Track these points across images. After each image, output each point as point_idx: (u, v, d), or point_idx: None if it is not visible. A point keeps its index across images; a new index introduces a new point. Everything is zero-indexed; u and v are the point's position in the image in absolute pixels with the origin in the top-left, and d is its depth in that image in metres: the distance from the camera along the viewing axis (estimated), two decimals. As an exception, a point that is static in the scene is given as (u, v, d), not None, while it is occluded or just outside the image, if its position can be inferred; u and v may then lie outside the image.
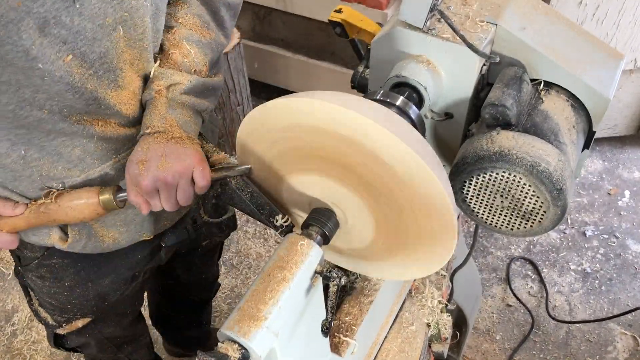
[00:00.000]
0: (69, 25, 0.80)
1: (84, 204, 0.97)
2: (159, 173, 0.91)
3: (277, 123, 0.81)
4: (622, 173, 2.78)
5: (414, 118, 0.91)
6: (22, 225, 0.99)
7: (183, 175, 0.92)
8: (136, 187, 0.93)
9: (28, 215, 0.98)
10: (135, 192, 0.94)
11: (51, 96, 0.85)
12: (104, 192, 0.97)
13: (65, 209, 0.97)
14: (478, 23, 0.94)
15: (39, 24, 0.77)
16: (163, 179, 0.91)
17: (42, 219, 0.98)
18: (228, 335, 0.70)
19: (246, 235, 2.56)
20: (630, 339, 2.21)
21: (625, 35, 2.37)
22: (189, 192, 0.94)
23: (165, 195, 0.93)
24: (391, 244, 0.86)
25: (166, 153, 0.92)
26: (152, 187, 0.92)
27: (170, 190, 0.93)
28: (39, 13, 0.76)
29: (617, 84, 0.98)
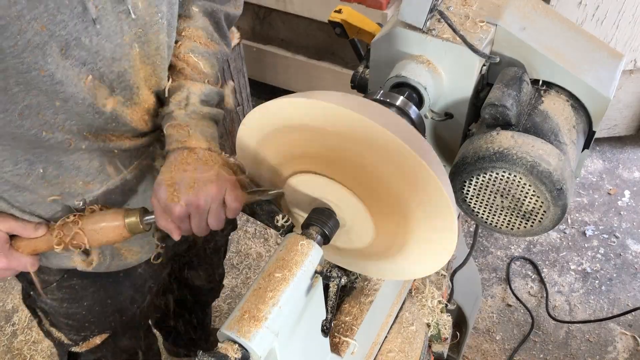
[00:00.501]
0: (88, 46, 0.80)
1: (109, 227, 0.93)
2: (191, 198, 0.87)
3: (277, 123, 0.81)
4: (622, 173, 2.78)
5: (414, 118, 0.91)
6: (43, 248, 0.96)
7: (215, 199, 0.88)
8: (167, 213, 0.89)
9: (49, 238, 0.95)
10: (166, 217, 0.90)
11: (71, 116, 0.84)
12: (130, 215, 0.93)
13: (90, 233, 0.94)
14: (478, 23, 0.94)
15: (61, 46, 0.77)
16: (195, 205, 0.87)
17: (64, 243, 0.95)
18: (228, 335, 0.70)
19: (246, 235, 2.56)
20: (630, 339, 2.21)
21: (625, 36, 2.37)
22: (221, 216, 0.90)
23: (196, 220, 0.90)
24: (391, 243, 0.86)
25: (196, 176, 0.88)
26: (185, 214, 0.88)
27: (202, 215, 0.89)
28: (61, 36, 0.76)
29: (617, 84, 0.98)
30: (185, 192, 0.87)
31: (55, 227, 0.95)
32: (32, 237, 0.95)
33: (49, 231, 0.96)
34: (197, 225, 0.90)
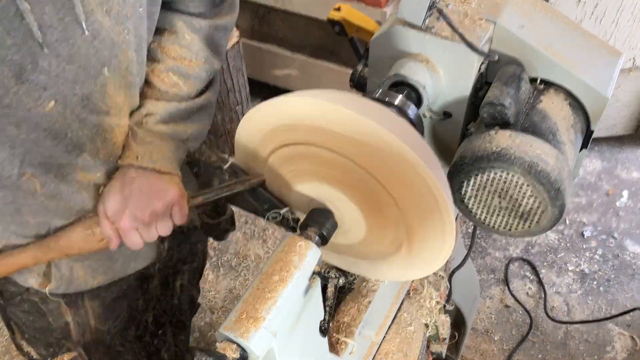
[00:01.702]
0: (47, 70, 0.76)
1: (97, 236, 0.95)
2: (137, 213, 0.90)
3: (275, 122, 0.81)
4: (620, 173, 2.78)
5: (413, 117, 0.90)
6: (30, 263, 0.97)
7: (160, 214, 0.92)
8: (114, 224, 0.92)
9: (35, 254, 0.96)
10: (109, 225, 0.92)
11: (28, 148, 0.82)
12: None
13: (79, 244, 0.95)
14: (477, 21, 0.94)
15: (15, 71, 0.73)
16: (141, 219, 0.91)
17: (51, 255, 0.97)
18: (226, 336, 0.70)
19: (245, 236, 2.56)
20: (629, 339, 2.21)
21: (624, 34, 2.37)
22: (168, 226, 0.94)
23: (144, 232, 0.93)
24: (388, 244, 0.86)
25: (145, 190, 0.91)
26: (130, 227, 0.92)
27: (149, 227, 0.93)
28: (14, 60, 0.73)
29: (615, 83, 0.97)
30: (134, 207, 0.90)
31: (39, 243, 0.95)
32: None
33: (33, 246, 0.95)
34: (146, 235, 0.94)
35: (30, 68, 0.75)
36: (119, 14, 0.82)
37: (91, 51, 0.80)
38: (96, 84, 0.84)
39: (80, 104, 0.83)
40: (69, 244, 0.95)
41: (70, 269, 1.03)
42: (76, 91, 0.82)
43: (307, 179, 0.86)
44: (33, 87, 0.76)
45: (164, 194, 0.92)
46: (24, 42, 0.73)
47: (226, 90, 2.52)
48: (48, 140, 0.83)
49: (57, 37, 0.76)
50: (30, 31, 0.73)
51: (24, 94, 0.76)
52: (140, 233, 0.93)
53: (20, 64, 0.74)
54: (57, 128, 0.82)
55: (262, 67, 2.91)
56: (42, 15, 0.73)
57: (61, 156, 0.87)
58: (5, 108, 0.75)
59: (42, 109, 0.79)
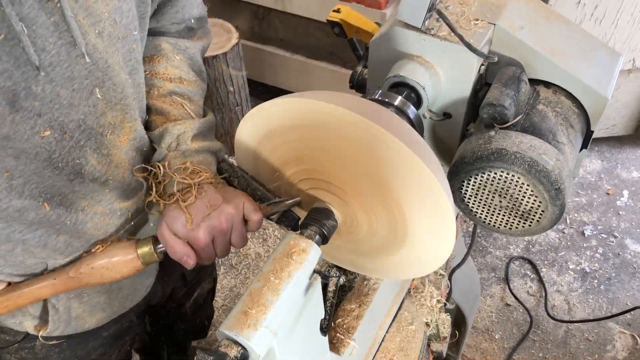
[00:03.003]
0: (41, 95, 0.73)
1: (122, 262, 0.89)
2: (214, 222, 0.84)
3: (275, 123, 0.81)
4: (620, 173, 2.79)
5: (412, 118, 0.91)
6: (47, 294, 0.90)
7: (236, 216, 0.86)
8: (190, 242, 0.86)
9: (54, 282, 0.89)
10: (181, 243, 0.86)
11: (28, 178, 0.77)
12: (142, 245, 0.89)
13: (101, 271, 0.89)
14: (476, 23, 0.94)
15: (8, 99, 0.69)
16: (219, 228, 0.85)
17: (70, 285, 0.90)
18: (227, 335, 0.70)
19: (245, 235, 2.56)
20: (629, 337, 2.21)
21: (623, 35, 2.37)
22: (244, 232, 0.89)
23: (220, 242, 0.87)
24: (389, 243, 0.86)
25: (210, 202, 0.85)
26: (209, 239, 0.85)
27: (226, 236, 0.87)
28: (7, 87, 0.69)
29: (615, 84, 0.98)
30: (205, 218, 0.84)
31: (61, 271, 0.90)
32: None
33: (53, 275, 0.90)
34: (221, 247, 0.88)
35: (23, 95, 0.71)
36: (110, 36, 0.81)
37: (84, 73, 0.78)
38: (89, 105, 0.80)
39: (77, 129, 0.80)
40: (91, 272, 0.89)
41: (68, 309, 0.98)
42: (72, 116, 0.78)
43: (307, 177, 0.86)
44: (28, 115, 0.72)
45: (232, 198, 0.87)
46: (16, 67, 0.69)
47: (226, 91, 2.53)
48: (49, 170, 0.79)
49: (51, 61, 0.73)
50: (24, 55, 0.69)
51: (19, 122, 0.72)
52: (216, 246, 0.87)
53: (13, 91, 0.70)
54: (56, 157, 0.79)
55: (261, 68, 2.92)
56: (36, 38, 0.70)
57: (63, 185, 0.82)
58: (4, 140, 0.71)
59: (39, 138, 0.75)
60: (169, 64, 0.99)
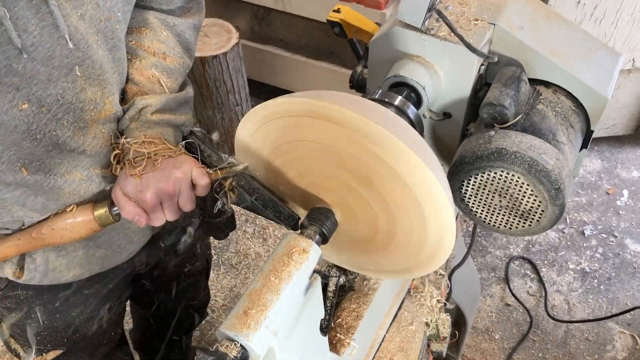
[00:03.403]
0: (21, 72, 0.77)
1: (79, 223, 0.94)
2: (161, 185, 0.89)
3: (276, 122, 0.81)
4: (620, 172, 2.79)
5: (412, 118, 0.91)
6: (12, 253, 0.96)
7: (183, 180, 0.91)
8: (139, 203, 0.91)
9: (18, 242, 0.95)
10: (133, 205, 0.91)
11: (7, 147, 0.82)
12: (98, 208, 0.95)
13: (61, 232, 0.94)
14: (476, 23, 0.94)
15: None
16: (166, 191, 0.90)
17: (34, 244, 0.96)
18: (227, 335, 0.70)
19: (245, 235, 2.56)
20: (629, 337, 2.21)
21: (623, 35, 2.37)
22: (191, 196, 0.93)
23: (168, 205, 0.92)
24: (389, 242, 0.86)
25: (160, 166, 0.91)
26: (156, 201, 0.90)
27: (173, 199, 0.92)
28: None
29: (615, 83, 0.98)
30: (155, 180, 0.89)
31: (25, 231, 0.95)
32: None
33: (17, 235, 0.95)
34: (170, 209, 0.93)
35: (4, 72, 0.75)
36: (92, 18, 0.84)
37: (64, 53, 0.81)
38: (68, 81, 0.84)
39: (55, 104, 0.84)
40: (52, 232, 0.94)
41: (45, 260, 1.03)
42: (50, 91, 0.82)
43: (308, 176, 0.86)
44: (7, 89, 0.77)
45: (179, 162, 0.92)
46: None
47: (226, 91, 2.53)
48: (27, 141, 0.83)
49: (33, 42, 0.76)
50: (5, 35, 0.73)
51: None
52: (164, 209, 0.92)
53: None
54: (34, 129, 0.82)
55: (261, 68, 2.92)
56: (17, 20, 0.73)
57: (42, 154, 0.87)
58: None
59: (17, 110, 0.79)
60: (155, 38, 1.01)
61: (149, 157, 0.93)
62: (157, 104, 0.97)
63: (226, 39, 2.43)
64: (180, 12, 1.05)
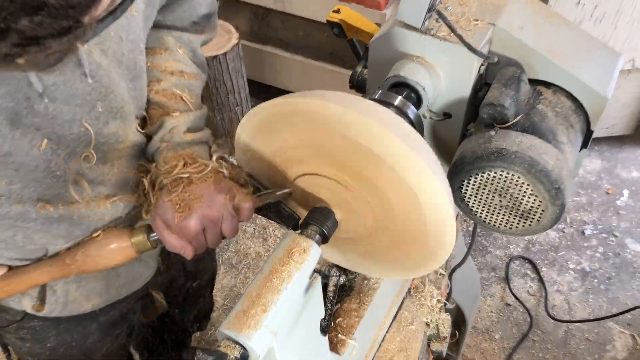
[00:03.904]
0: (42, 113, 0.74)
1: (116, 250, 0.90)
2: (204, 211, 0.85)
3: (275, 122, 0.81)
4: (620, 172, 2.79)
5: (412, 118, 0.91)
6: (44, 280, 0.93)
7: (226, 205, 0.87)
8: (181, 232, 0.86)
9: (50, 270, 0.92)
10: (176, 237, 0.87)
11: (27, 184, 0.79)
12: (136, 234, 0.91)
13: (95, 259, 0.91)
14: (476, 23, 0.94)
15: (9, 118, 0.71)
16: (210, 217, 0.86)
17: (67, 272, 0.92)
18: (227, 335, 0.70)
19: (245, 234, 2.56)
20: (629, 337, 2.21)
21: (623, 35, 2.37)
22: (235, 223, 0.89)
23: (211, 232, 0.88)
24: (389, 242, 0.86)
25: (201, 191, 0.86)
26: (200, 228, 0.86)
27: (217, 226, 0.88)
28: (8, 108, 0.70)
29: (615, 83, 0.98)
30: (197, 207, 0.85)
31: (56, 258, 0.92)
32: None
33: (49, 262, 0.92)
34: (212, 237, 0.89)
35: (25, 113, 0.72)
36: (115, 53, 0.82)
37: (87, 90, 0.79)
38: (91, 118, 0.81)
39: (77, 140, 0.81)
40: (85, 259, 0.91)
41: (65, 292, 1.01)
42: (73, 130, 0.80)
43: (307, 176, 0.87)
44: (27, 130, 0.74)
45: (222, 187, 0.87)
46: (18, 89, 0.70)
47: (226, 91, 2.53)
48: (47, 178, 0.81)
49: (55, 81, 0.74)
50: (26, 80, 0.70)
51: (19, 139, 0.73)
52: (207, 235, 0.88)
53: (15, 110, 0.71)
54: (53, 166, 0.80)
55: (261, 69, 2.92)
56: None
57: (62, 188, 0.84)
58: (5, 156, 0.73)
59: (36, 150, 0.76)
60: (171, 57, 1.00)
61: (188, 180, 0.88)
62: (187, 122, 0.95)
63: (226, 40, 2.43)
64: (194, 29, 1.04)
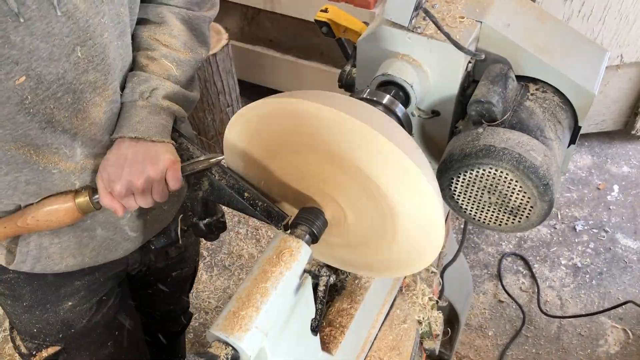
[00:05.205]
0: (19, 45, 0.78)
1: (61, 211, 0.96)
2: (132, 178, 0.92)
3: (265, 122, 0.81)
4: (610, 168, 2.80)
5: (401, 116, 0.91)
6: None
7: (155, 179, 0.93)
8: (110, 192, 0.93)
9: (5, 230, 0.97)
10: (110, 196, 0.94)
11: (1, 123, 0.84)
12: (79, 196, 0.96)
13: (46, 222, 0.96)
14: (463, 21, 0.95)
15: None
16: (135, 185, 0.93)
17: (21, 232, 0.98)
18: (217, 336, 0.70)
19: (238, 236, 2.56)
20: (621, 332, 2.22)
21: (610, 32, 2.38)
22: (164, 192, 0.96)
23: (140, 197, 0.95)
24: (378, 239, 0.87)
25: (140, 157, 0.93)
26: (125, 192, 0.93)
27: (144, 193, 0.95)
28: None
29: (602, 79, 0.99)
30: (128, 173, 0.92)
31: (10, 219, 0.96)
32: None
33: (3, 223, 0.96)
34: (142, 200, 0.96)
35: (1, 42, 0.76)
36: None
37: (65, 31, 0.82)
38: (69, 62, 0.85)
39: (55, 82, 0.85)
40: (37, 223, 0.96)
41: (38, 245, 1.04)
42: (51, 69, 0.83)
43: (296, 176, 0.86)
44: (4, 61, 0.78)
45: (157, 160, 0.94)
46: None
47: (216, 92, 2.52)
48: (21, 115, 0.84)
49: (31, 15, 0.77)
50: (4, 5, 0.74)
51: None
52: (136, 198, 0.95)
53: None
54: (28, 103, 0.84)
55: (252, 69, 2.91)
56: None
57: (36, 134, 0.88)
58: None
59: (12, 83, 0.80)
60: (167, 32, 1.03)
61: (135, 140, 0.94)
62: (169, 90, 0.99)
63: (216, 40, 2.43)
64: (196, 6, 1.08)
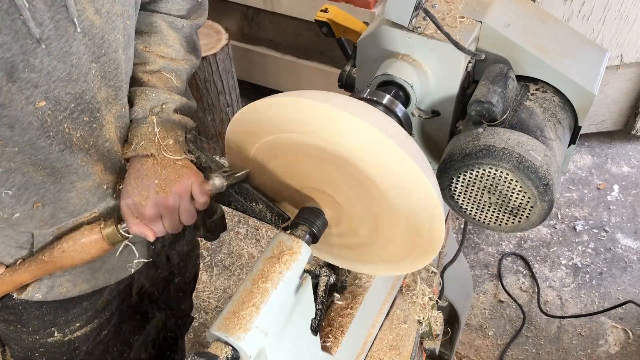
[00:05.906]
0: (38, 67, 0.77)
1: (88, 244, 0.93)
2: (159, 198, 0.90)
3: (265, 122, 0.81)
4: (610, 168, 2.80)
5: (401, 116, 0.91)
6: (26, 279, 0.96)
7: (183, 195, 0.91)
8: (138, 216, 0.91)
9: (30, 268, 0.94)
10: (137, 222, 0.92)
11: (22, 149, 0.81)
12: (106, 227, 0.94)
13: (71, 254, 0.94)
14: (463, 21, 0.95)
15: (6, 70, 0.73)
16: (164, 204, 0.90)
17: (47, 268, 0.95)
18: (217, 336, 0.70)
19: (238, 236, 2.56)
20: (622, 332, 2.23)
21: (611, 32, 2.38)
22: (192, 211, 0.93)
23: (168, 219, 0.92)
24: (379, 238, 0.86)
25: (162, 176, 0.91)
26: (155, 215, 0.91)
27: (173, 213, 0.92)
28: (5, 58, 0.72)
29: (602, 79, 0.99)
30: (154, 194, 0.90)
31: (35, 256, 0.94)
32: None
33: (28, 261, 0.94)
34: (170, 223, 0.93)
35: (22, 66, 0.75)
36: (109, 13, 0.84)
37: (82, 48, 0.81)
38: (87, 82, 0.84)
39: (73, 102, 0.84)
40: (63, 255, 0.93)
41: (51, 277, 1.01)
42: (68, 90, 0.82)
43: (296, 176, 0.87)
44: (24, 85, 0.76)
45: (182, 177, 0.92)
46: (15, 40, 0.72)
47: (216, 92, 2.52)
48: (42, 140, 0.83)
49: (49, 35, 0.76)
50: (24, 28, 0.72)
51: (15, 92, 0.75)
52: (164, 221, 0.92)
53: (12, 62, 0.73)
54: (48, 127, 0.82)
55: (251, 69, 2.91)
56: (35, 12, 0.73)
57: (56, 157, 0.86)
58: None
59: (33, 107, 0.78)
60: (162, 42, 1.02)
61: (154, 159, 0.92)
62: (178, 102, 0.98)
63: (215, 40, 2.43)
64: (188, 14, 1.06)
